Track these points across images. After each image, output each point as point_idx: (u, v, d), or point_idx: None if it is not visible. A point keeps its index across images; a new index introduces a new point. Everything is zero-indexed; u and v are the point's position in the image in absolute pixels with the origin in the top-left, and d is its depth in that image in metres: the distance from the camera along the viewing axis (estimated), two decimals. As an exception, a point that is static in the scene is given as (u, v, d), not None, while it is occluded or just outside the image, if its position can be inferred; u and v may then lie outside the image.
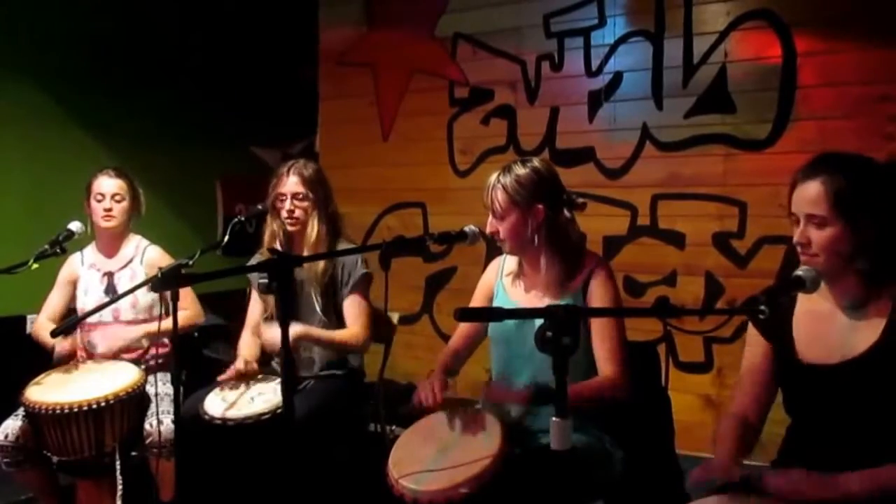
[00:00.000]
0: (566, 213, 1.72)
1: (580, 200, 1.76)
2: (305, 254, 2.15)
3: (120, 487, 2.07)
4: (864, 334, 1.34)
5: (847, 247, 1.31)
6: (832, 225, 1.30)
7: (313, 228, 2.14)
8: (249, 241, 2.29)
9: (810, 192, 1.33)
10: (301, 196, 2.14)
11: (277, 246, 2.19)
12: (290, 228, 2.17)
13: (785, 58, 2.56)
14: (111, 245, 2.44)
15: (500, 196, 1.68)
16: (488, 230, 1.73)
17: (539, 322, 1.15)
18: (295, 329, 1.99)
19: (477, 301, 1.90)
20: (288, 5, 3.86)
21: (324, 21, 3.61)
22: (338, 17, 3.57)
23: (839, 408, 1.35)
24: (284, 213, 2.15)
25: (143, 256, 2.44)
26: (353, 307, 2.16)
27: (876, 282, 1.34)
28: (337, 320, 2.21)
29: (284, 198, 2.15)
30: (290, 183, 2.14)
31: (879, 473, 1.24)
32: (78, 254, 2.46)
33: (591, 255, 1.78)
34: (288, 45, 3.87)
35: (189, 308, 2.37)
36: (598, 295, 1.70)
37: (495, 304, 1.84)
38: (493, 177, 1.72)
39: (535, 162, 1.73)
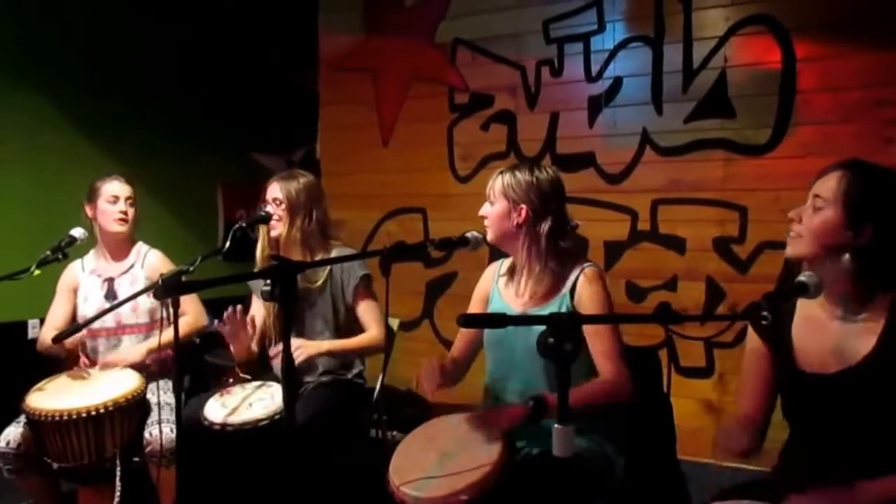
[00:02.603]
0: (549, 224, 1.73)
1: (574, 223, 1.79)
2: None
3: (118, 494, 2.07)
4: (860, 343, 1.34)
5: (834, 238, 1.33)
6: (829, 210, 1.33)
7: (286, 234, 2.19)
8: (250, 247, 2.29)
9: (828, 180, 1.36)
10: (278, 201, 2.21)
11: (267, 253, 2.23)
12: (271, 233, 2.23)
13: (784, 63, 2.57)
14: (119, 250, 2.43)
15: (496, 185, 1.79)
16: (480, 212, 1.81)
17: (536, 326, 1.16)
18: (309, 350, 2.06)
19: (474, 305, 1.91)
20: (288, 12, 3.88)
21: (323, 27, 3.62)
22: (337, 24, 3.58)
23: (836, 416, 1.36)
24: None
25: (144, 261, 2.43)
26: (365, 310, 2.21)
27: (868, 290, 1.35)
28: (340, 325, 2.22)
29: (267, 203, 2.24)
30: (270, 189, 2.23)
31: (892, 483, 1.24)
32: (78, 261, 2.45)
33: (581, 259, 1.79)
34: (289, 51, 3.88)
35: (190, 313, 2.37)
36: (585, 296, 1.71)
37: (491, 307, 1.85)
38: (502, 169, 1.80)
39: (544, 172, 1.77)
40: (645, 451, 1.77)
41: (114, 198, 2.36)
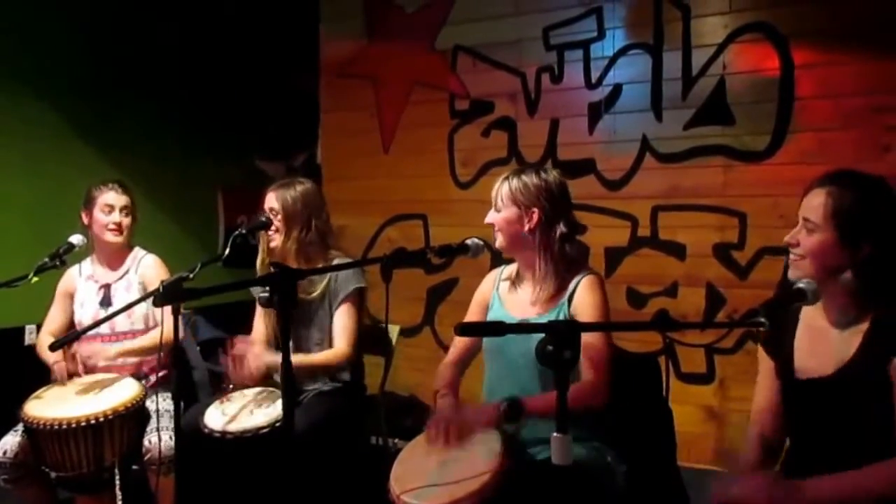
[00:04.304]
0: (562, 227, 1.74)
1: (581, 224, 1.79)
2: None
3: (118, 503, 2.06)
4: (849, 346, 1.35)
5: (834, 259, 1.34)
6: (821, 232, 1.34)
7: (281, 244, 2.18)
8: (251, 253, 2.29)
9: (814, 200, 1.36)
10: (274, 211, 2.20)
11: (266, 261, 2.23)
12: (270, 244, 2.22)
13: (783, 70, 2.58)
14: (116, 257, 2.43)
15: (503, 191, 1.76)
16: (486, 220, 1.79)
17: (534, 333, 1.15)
18: (269, 358, 2.07)
19: (473, 312, 1.90)
20: (289, 18, 3.89)
21: (325, 34, 3.64)
22: (339, 30, 3.59)
23: (828, 419, 1.37)
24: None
25: (139, 266, 2.43)
26: (338, 321, 2.16)
27: (865, 299, 1.36)
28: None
29: (264, 213, 2.23)
30: (267, 199, 2.22)
31: (847, 478, 1.25)
32: (76, 266, 2.45)
33: (582, 266, 1.79)
34: (290, 56, 3.89)
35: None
36: (582, 304, 1.71)
37: (490, 314, 1.85)
38: (507, 174, 1.79)
39: (549, 174, 1.77)
40: (645, 458, 1.76)
41: (108, 207, 2.35)
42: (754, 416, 1.52)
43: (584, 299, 1.71)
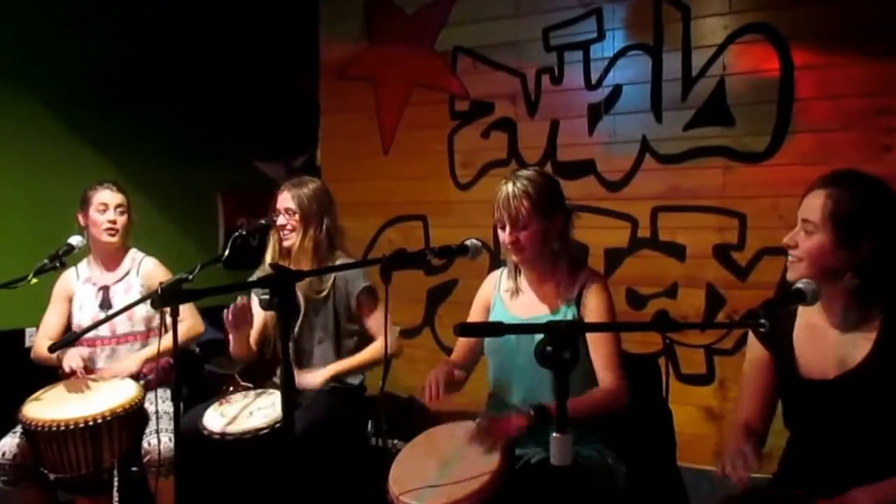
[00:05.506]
0: (570, 219, 1.77)
1: (574, 208, 1.81)
2: (293, 269, 2.17)
3: (117, 504, 2.06)
4: (856, 350, 1.35)
5: (832, 262, 1.33)
6: (820, 234, 1.33)
7: (298, 244, 2.19)
8: (251, 255, 2.29)
9: (814, 201, 1.35)
10: (291, 211, 2.20)
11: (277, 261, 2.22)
12: (284, 243, 2.22)
13: (783, 71, 2.58)
14: (112, 259, 2.43)
15: (525, 204, 1.66)
16: (508, 240, 1.70)
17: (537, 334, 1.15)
18: (324, 374, 2.13)
19: (475, 314, 1.90)
20: (288, 20, 3.89)
21: (324, 36, 3.64)
22: (338, 32, 3.60)
23: (834, 422, 1.36)
24: (280, 228, 2.23)
25: (140, 268, 2.43)
26: (374, 322, 2.23)
27: (866, 301, 1.35)
28: (340, 333, 2.22)
29: (278, 213, 2.22)
30: (282, 198, 2.22)
31: (888, 486, 1.24)
32: (72, 269, 2.45)
33: (587, 268, 1.80)
34: (290, 58, 3.90)
35: (187, 319, 2.35)
36: (592, 305, 1.71)
37: (493, 316, 1.84)
38: (509, 186, 1.69)
39: (544, 170, 1.79)
40: (645, 458, 1.76)
41: (103, 206, 2.35)
42: (741, 405, 1.51)
43: (594, 302, 1.71)
